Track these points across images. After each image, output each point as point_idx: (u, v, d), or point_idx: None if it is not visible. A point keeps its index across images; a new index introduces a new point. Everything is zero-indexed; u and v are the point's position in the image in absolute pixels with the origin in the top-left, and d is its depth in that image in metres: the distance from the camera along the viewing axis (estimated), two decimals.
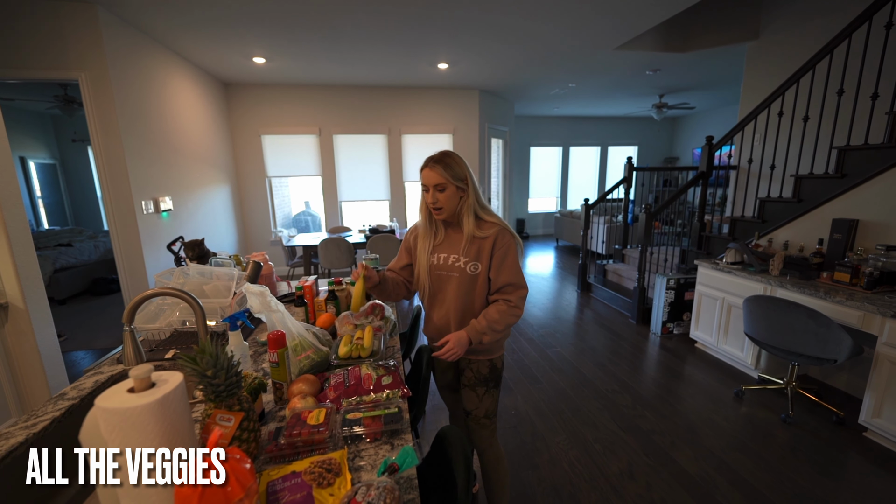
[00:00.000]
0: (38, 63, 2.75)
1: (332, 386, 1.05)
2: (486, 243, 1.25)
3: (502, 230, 1.27)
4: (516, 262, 1.27)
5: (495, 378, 1.37)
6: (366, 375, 1.06)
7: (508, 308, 1.25)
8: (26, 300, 2.12)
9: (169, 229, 3.54)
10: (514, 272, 1.26)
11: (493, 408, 1.40)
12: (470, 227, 1.25)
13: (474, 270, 1.27)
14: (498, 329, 1.23)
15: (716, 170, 3.50)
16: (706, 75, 5.21)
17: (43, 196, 6.67)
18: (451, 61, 4.31)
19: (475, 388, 1.36)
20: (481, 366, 1.35)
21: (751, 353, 2.64)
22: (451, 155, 1.25)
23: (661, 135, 8.93)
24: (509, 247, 1.26)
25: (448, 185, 1.22)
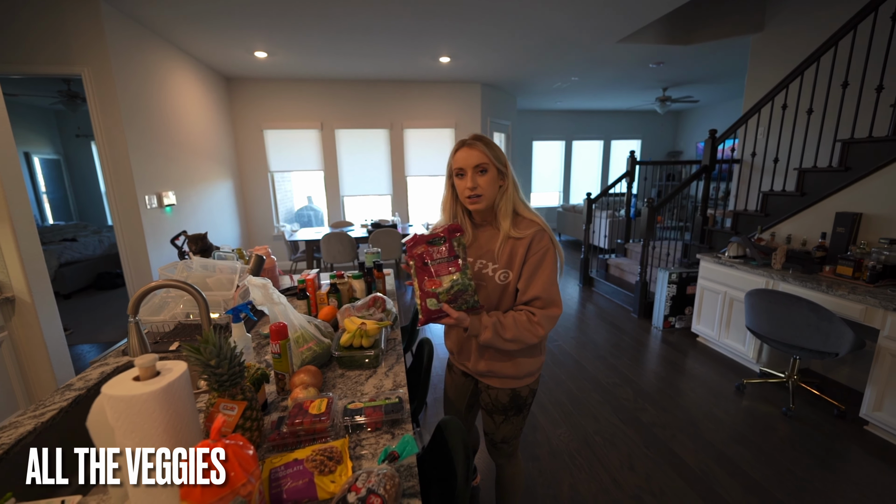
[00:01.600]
0: (41, 58, 2.76)
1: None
2: (519, 245, 1.05)
3: (540, 231, 1.06)
4: (553, 272, 1.06)
5: (517, 407, 1.20)
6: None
7: (528, 321, 1.04)
8: (32, 294, 2.14)
9: (172, 224, 3.56)
10: (546, 284, 1.05)
11: (512, 434, 1.25)
12: (508, 223, 1.07)
13: (504, 279, 1.08)
14: (503, 336, 1.03)
15: (719, 163, 3.48)
16: (710, 68, 5.16)
17: (48, 191, 6.71)
18: (453, 55, 4.29)
19: (492, 414, 1.23)
20: (500, 394, 1.19)
21: (752, 346, 2.64)
22: (486, 137, 1.09)
23: (665, 129, 8.87)
24: (546, 253, 1.05)
25: (490, 167, 1.05)
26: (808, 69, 2.64)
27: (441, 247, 1.01)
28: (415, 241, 1.02)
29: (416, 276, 1.01)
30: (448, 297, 1.00)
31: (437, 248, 1.01)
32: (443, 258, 1.00)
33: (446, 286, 0.99)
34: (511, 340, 1.04)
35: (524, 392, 1.20)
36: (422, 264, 1.00)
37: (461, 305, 1.02)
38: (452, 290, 1.00)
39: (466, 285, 1.01)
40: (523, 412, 1.23)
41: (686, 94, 6.60)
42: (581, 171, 8.87)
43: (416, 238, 1.03)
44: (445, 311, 1.00)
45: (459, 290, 1.00)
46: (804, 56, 2.65)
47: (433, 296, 1.00)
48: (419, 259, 1.01)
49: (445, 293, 1.00)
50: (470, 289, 1.01)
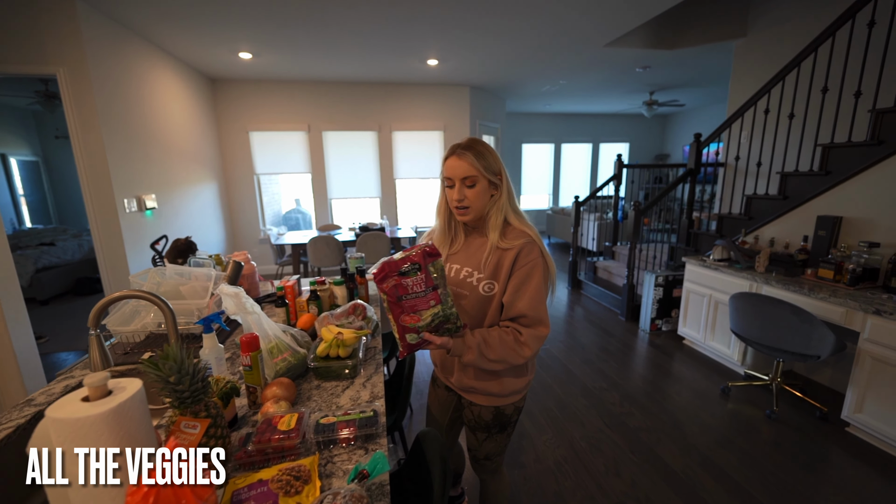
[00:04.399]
0: (15, 58, 2.68)
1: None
2: (506, 256, 1.00)
3: (530, 243, 1.00)
4: (540, 288, 0.99)
5: (500, 425, 1.16)
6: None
7: (515, 341, 0.98)
8: (0, 303, 2.07)
9: (153, 228, 3.48)
10: (533, 301, 0.98)
11: (495, 451, 1.21)
12: (496, 234, 1.02)
13: (488, 291, 1.02)
14: (488, 357, 0.98)
15: (704, 167, 3.51)
16: (695, 73, 5.23)
17: (26, 194, 6.53)
18: (441, 58, 4.27)
19: (475, 431, 1.19)
20: (483, 411, 1.14)
21: (737, 349, 2.66)
22: (482, 143, 1.03)
23: (653, 132, 8.98)
24: (535, 267, 0.99)
25: (479, 179, 1.00)
26: (789, 74, 2.68)
27: (416, 277, 0.90)
28: (384, 273, 0.89)
29: (391, 311, 0.92)
30: (430, 329, 0.93)
31: (413, 279, 0.90)
32: (420, 293, 0.90)
33: (427, 321, 0.92)
34: (496, 361, 0.99)
35: (508, 410, 1.15)
36: (395, 299, 0.90)
37: (443, 333, 0.96)
38: (434, 323, 0.93)
39: (448, 315, 0.94)
40: (507, 430, 1.19)
41: (672, 97, 6.69)
42: (570, 173, 8.93)
43: (386, 267, 0.89)
44: (428, 340, 0.94)
45: (441, 321, 0.94)
46: (786, 61, 2.68)
47: (413, 330, 0.92)
48: (392, 294, 0.90)
49: (426, 326, 0.92)
50: (452, 317, 0.95)
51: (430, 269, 0.91)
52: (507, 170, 1.06)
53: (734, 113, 3.09)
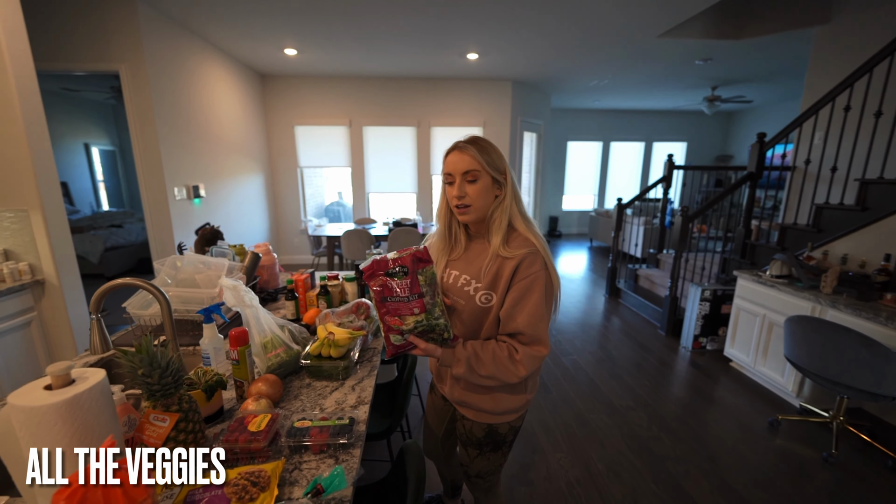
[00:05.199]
0: (85, 56, 2.94)
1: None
2: (506, 266, 0.92)
3: (533, 254, 0.91)
4: (540, 304, 0.90)
5: (493, 443, 1.09)
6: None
7: (509, 358, 0.91)
8: (60, 278, 2.28)
9: (200, 215, 3.71)
10: (532, 318, 0.89)
11: (487, 470, 1.14)
12: (499, 238, 0.94)
13: (486, 302, 0.95)
14: (479, 372, 0.92)
15: (767, 171, 3.14)
16: (765, 66, 4.71)
17: (105, 180, 7.26)
18: (481, 51, 4.17)
19: (465, 446, 1.13)
20: (474, 427, 1.08)
21: (792, 378, 2.35)
22: (485, 140, 0.96)
23: (714, 131, 8.26)
24: (535, 280, 0.90)
25: (482, 175, 0.93)
26: (878, 65, 2.31)
27: (402, 281, 0.86)
28: (372, 271, 0.86)
29: (378, 309, 0.90)
30: (413, 333, 0.89)
31: (398, 282, 0.86)
32: (403, 297, 0.86)
33: (409, 326, 0.88)
34: (487, 377, 0.93)
35: (503, 429, 1.08)
36: (380, 299, 0.88)
37: (428, 340, 0.91)
38: (416, 330, 0.89)
39: (433, 325, 0.89)
40: (502, 449, 1.11)
41: (737, 93, 6.09)
42: (619, 174, 8.45)
43: (374, 266, 0.86)
44: (413, 343, 0.90)
45: (424, 330, 0.89)
46: (874, 51, 2.31)
47: (397, 332, 0.88)
48: (378, 293, 0.87)
49: (409, 331, 0.88)
50: (438, 328, 0.89)
51: (418, 276, 0.87)
52: (549, 168, 0.98)
53: (806, 110, 2.73)
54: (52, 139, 6.04)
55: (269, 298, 1.83)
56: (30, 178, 2.09)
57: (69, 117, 6.24)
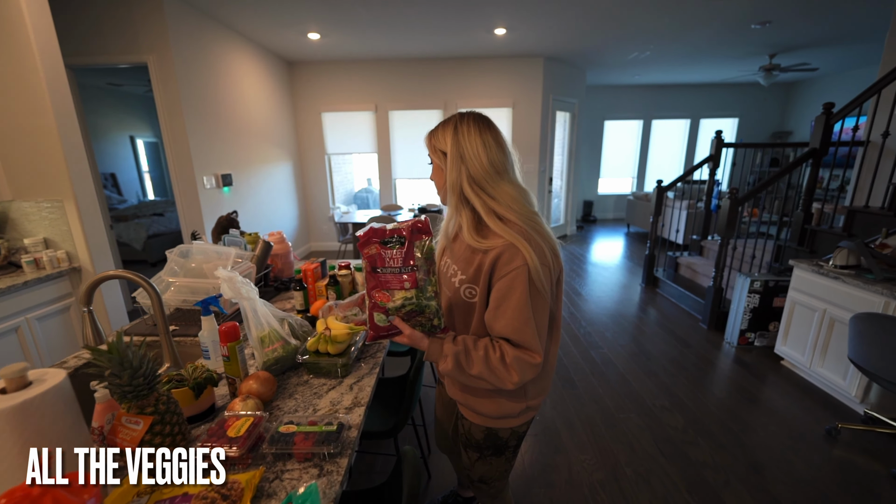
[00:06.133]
0: (113, 48, 3.01)
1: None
2: (485, 260, 0.83)
3: (508, 247, 0.79)
4: (523, 306, 0.79)
5: (494, 448, 1.01)
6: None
7: (500, 360, 0.81)
8: (94, 265, 2.38)
9: (229, 203, 3.79)
10: (516, 322, 0.79)
11: (491, 475, 1.06)
12: (465, 230, 0.86)
13: (469, 296, 0.87)
14: (468, 371, 0.83)
15: (835, 146, 2.77)
16: (835, 27, 4.14)
17: (150, 170, 7.66)
18: (510, 26, 3.93)
19: (465, 448, 1.06)
20: (473, 429, 1.00)
21: (856, 382, 2.08)
22: (446, 121, 0.88)
23: (771, 104, 7.50)
24: (516, 278, 0.78)
25: (432, 158, 0.91)
26: None
27: (397, 251, 0.79)
28: (367, 237, 0.79)
29: (367, 282, 0.83)
30: (399, 314, 0.82)
31: (393, 251, 0.79)
32: (395, 268, 0.79)
33: (397, 304, 0.80)
34: (476, 377, 0.84)
35: (504, 434, 0.99)
36: (371, 269, 0.81)
37: (415, 326, 0.83)
38: (403, 310, 0.81)
39: (423, 306, 0.80)
40: (504, 454, 1.03)
41: (800, 60, 5.44)
42: (660, 155, 7.89)
43: (370, 233, 0.79)
44: (396, 327, 0.83)
45: (412, 310, 0.80)
46: None
47: (382, 310, 0.81)
48: (369, 261, 0.80)
49: (395, 311, 0.81)
50: (428, 310, 0.81)
51: (415, 248, 0.79)
52: (584, 149, 0.84)
53: (887, 74, 2.34)
54: (99, 132, 6.35)
55: (283, 288, 1.80)
56: (62, 170, 2.17)
57: (115, 111, 6.58)
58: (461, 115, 0.88)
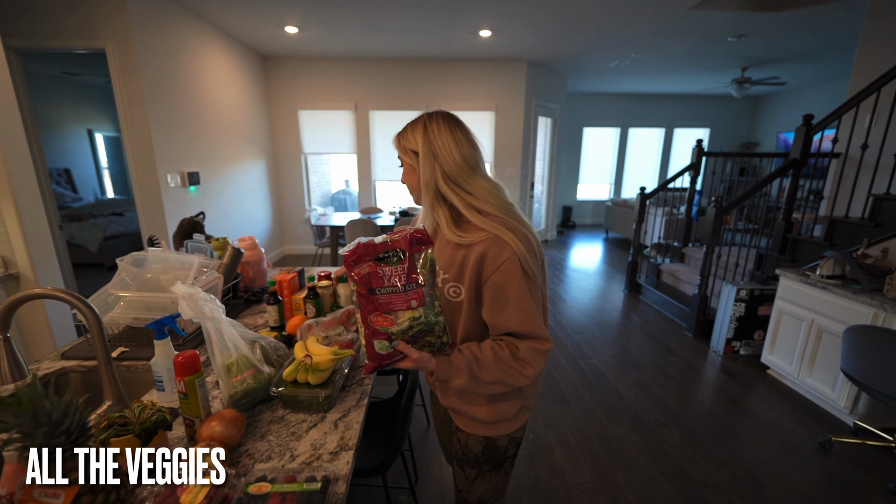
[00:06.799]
0: (66, 32, 2.72)
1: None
2: (469, 256, 0.78)
3: (493, 241, 0.76)
4: (523, 297, 0.76)
5: (494, 460, 0.94)
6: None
7: (512, 357, 0.76)
8: (36, 271, 2.10)
9: (196, 204, 3.52)
10: (522, 314, 0.76)
11: (489, 494, 0.98)
12: (444, 226, 0.81)
13: (454, 296, 0.83)
14: (483, 379, 0.77)
15: (815, 157, 2.82)
16: (805, 43, 4.30)
17: (109, 166, 7.15)
18: (495, 28, 3.85)
19: (463, 465, 0.97)
20: (470, 441, 0.93)
21: (845, 393, 2.08)
22: (414, 122, 0.84)
23: (740, 116, 7.79)
24: (510, 270, 0.75)
25: (402, 160, 0.87)
26: None
27: (397, 267, 0.67)
28: (357, 255, 0.67)
29: (360, 308, 0.69)
30: (405, 338, 0.70)
31: (392, 268, 0.67)
32: (398, 288, 0.67)
33: (402, 326, 0.68)
34: (493, 382, 0.78)
35: (502, 442, 0.93)
36: (366, 291, 0.68)
37: (422, 348, 0.73)
38: (411, 332, 0.69)
39: (433, 324, 0.70)
40: (504, 467, 0.97)
41: (770, 74, 5.65)
42: (637, 162, 8.05)
43: (360, 249, 0.67)
44: (402, 352, 0.71)
45: (421, 330, 0.69)
46: None
47: (383, 336, 0.69)
48: (362, 282, 0.67)
49: (400, 334, 0.69)
50: (438, 328, 0.71)
51: (415, 260, 0.69)
52: (564, 155, 0.76)
53: (866, 88, 2.39)
54: (53, 125, 5.87)
55: (255, 300, 1.62)
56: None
57: (71, 102, 6.09)
58: (429, 115, 0.84)
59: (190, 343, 1.21)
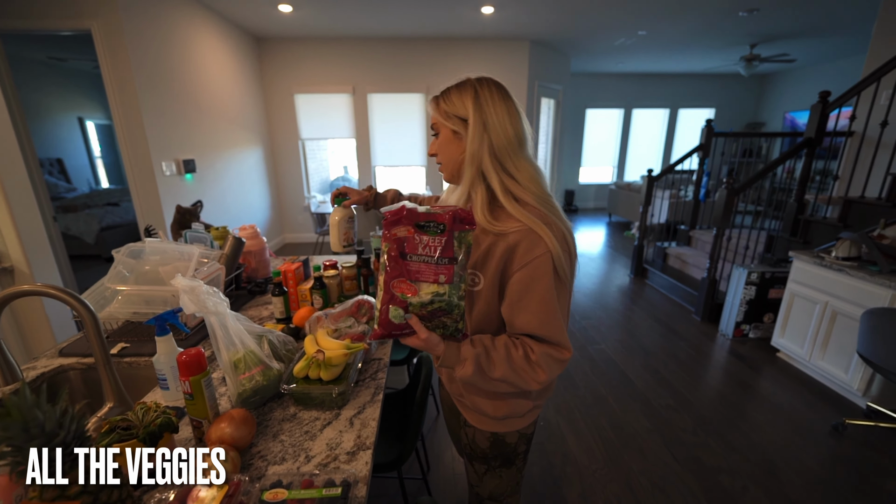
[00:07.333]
0: (50, 12, 2.60)
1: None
2: (499, 245, 0.72)
3: (527, 233, 0.69)
4: (548, 299, 0.70)
5: (504, 457, 0.90)
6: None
7: (525, 359, 0.71)
8: (30, 264, 2.04)
9: (193, 192, 3.44)
10: (543, 316, 0.70)
11: (501, 490, 0.94)
12: (478, 209, 0.73)
13: (472, 284, 0.76)
14: (490, 375, 0.72)
15: (831, 136, 2.73)
16: (821, 16, 4.14)
17: (102, 155, 7.00)
18: (498, 3, 3.70)
19: (472, 460, 0.93)
20: (478, 435, 0.89)
21: (859, 375, 2.05)
22: (460, 83, 0.76)
23: (745, 96, 7.62)
24: (540, 268, 0.69)
25: (440, 127, 0.78)
26: None
27: (435, 238, 0.64)
28: (398, 217, 0.64)
29: (386, 269, 0.65)
30: (421, 312, 0.66)
31: (430, 238, 0.64)
32: (431, 257, 0.64)
33: (423, 299, 0.64)
34: (500, 380, 0.73)
35: (511, 438, 0.88)
36: (398, 254, 0.64)
37: (435, 328, 0.68)
38: (430, 307, 0.65)
39: (453, 305, 0.66)
40: (515, 464, 0.92)
41: (780, 51, 5.48)
42: (640, 144, 7.91)
43: (403, 213, 0.64)
44: (410, 326, 0.66)
45: (440, 308, 0.65)
46: None
47: (401, 304, 0.64)
48: (396, 245, 0.64)
49: (419, 307, 0.65)
50: (456, 311, 0.67)
51: (454, 238, 0.65)
52: (566, 138, 0.70)
53: (888, 62, 2.29)
54: (42, 113, 5.70)
55: (258, 290, 1.57)
56: None
57: (60, 90, 5.91)
58: (479, 80, 0.76)
59: (193, 338, 1.16)
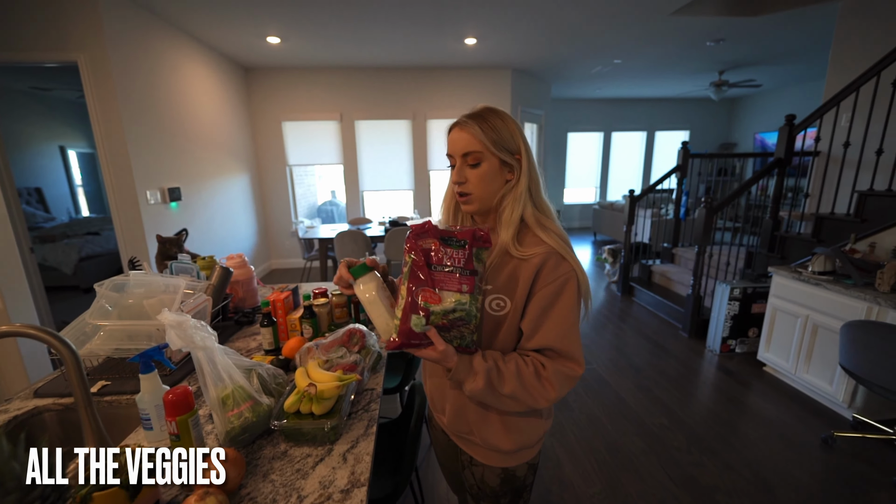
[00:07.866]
0: (37, 45, 2.60)
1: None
2: (524, 268, 0.73)
3: (552, 254, 0.72)
4: (570, 314, 0.73)
5: (514, 491, 0.87)
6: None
7: (536, 375, 0.72)
8: (5, 299, 1.97)
9: (178, 220, 3.39)
10: (563, 330, 0.73)
11: None
12: (509, 233, 0.75)
13: (498, 309, 0.76)
14: (500, 390, 0.72)
15: (800, 156, 2.88)
16: (779, 46, 4.44)
17: (84, 184, 6.88)
18: (480, 35, 3.86)
19: (479, 501, 0.90)
20: (487, 473, 0.86)
21: (843, 387, 2.09)
22: (497, 112, 0.76)
23: (718, 118, 8.00)
24: (565, 285, 0.72)
25: (485, 157, 0.74)
26: None
27: (458, 251, 0.68)
28: (424, 230, 0.69)
29: (409, 277, 0.68)
30: (441, 322, 0.67)
31: (454, 251, 0.68)
32: (456, 268, 0.68)
33: (447, 306, 0.66)
34: (509, 396, 0.73)
35: (521, 472, 0.87)
36: (424, 263, 0.68)
37: (453, 339, 0.71)
38: (452, 315, 0.67)
39: (471, 316, 0.68)
40: (523, 497, 0.90)
41: (747, 77, 5.82)
42: (620, 165, 8.18)
43: (428, 227, 0.69)
44: (430, 338, 0.68)
45: (460, 317, 0.67)
46: None
47: (424, 312, 0.66)
48: (422, 255, 0.68)
49: (441, 315, 0.66)
50: (474, 322, 0.69)
51: (473, 255, 0.69)
52: (549, 161, 0.75)
53: (846, 87, 2.46)
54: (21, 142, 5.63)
55: (246, 321, 1.54)
56: None
57: (42, 118, 5.86)
58: (497, 110, 0.77)
59: (178, 374, 1.13)
